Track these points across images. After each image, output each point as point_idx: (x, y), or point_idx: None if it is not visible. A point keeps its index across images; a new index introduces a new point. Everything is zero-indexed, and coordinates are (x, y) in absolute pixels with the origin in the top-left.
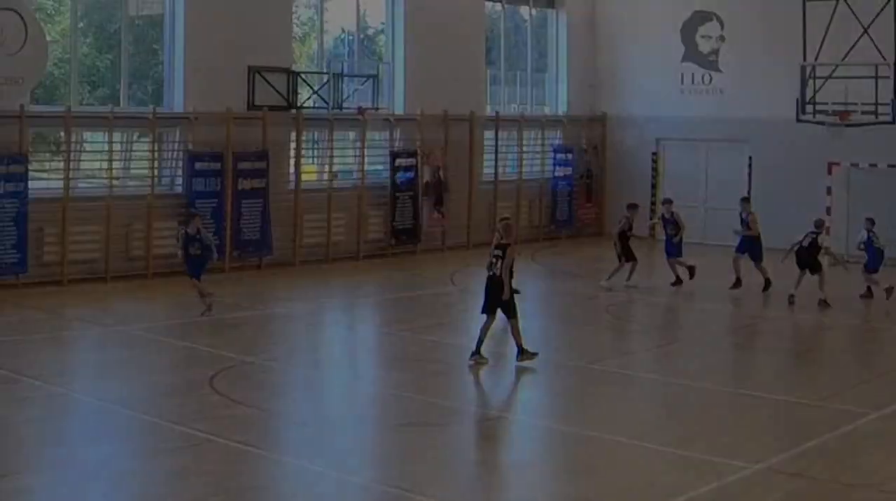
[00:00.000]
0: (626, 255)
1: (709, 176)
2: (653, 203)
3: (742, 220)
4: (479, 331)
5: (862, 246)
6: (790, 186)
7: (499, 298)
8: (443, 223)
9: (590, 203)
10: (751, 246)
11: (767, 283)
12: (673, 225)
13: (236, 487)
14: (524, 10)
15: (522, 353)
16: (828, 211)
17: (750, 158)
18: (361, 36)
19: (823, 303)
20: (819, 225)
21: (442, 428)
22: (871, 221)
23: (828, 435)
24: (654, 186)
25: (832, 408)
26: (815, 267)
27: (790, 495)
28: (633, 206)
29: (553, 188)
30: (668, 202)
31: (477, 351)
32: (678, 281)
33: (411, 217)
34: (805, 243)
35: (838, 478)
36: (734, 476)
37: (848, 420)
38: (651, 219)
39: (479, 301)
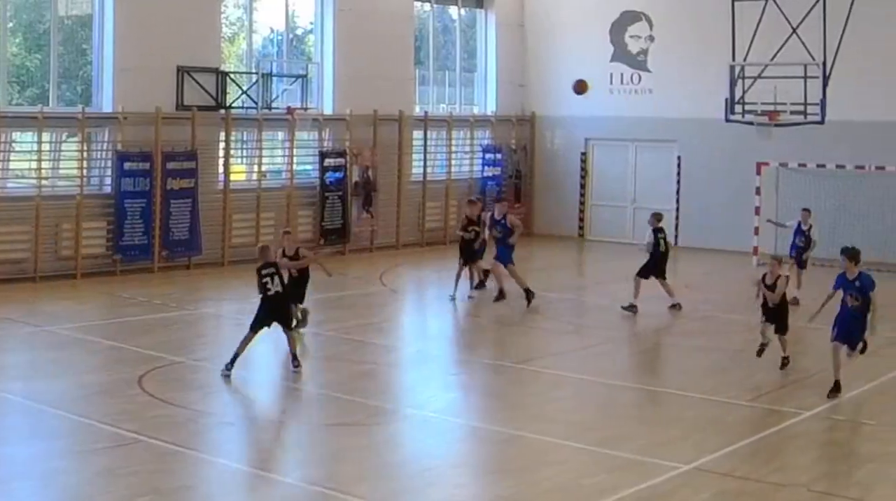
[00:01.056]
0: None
1: (637, 176)
2: (581, 204)
3: None
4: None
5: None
6: (719, 186)
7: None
8: (372, 223)
9: (519, 203)
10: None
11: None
12: (503, 227)
13: (165, 486)
14: (453, 10)
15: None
16: (756, 211)
17: (679, 158)
18: (290, 36)
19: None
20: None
21: (370, 428)
22: (808, 211)
23: (757, 435)
24: (582, 186)
25: (762, 408)
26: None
27: (719, 495)
28: (473, 203)
29: (482, 188)
30: (500, 201)
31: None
32: (481, 285)
33: (340, 217)
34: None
35: (767, 478)
36: (663, 476)
37: (777, 421)
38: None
39: (409, 300)
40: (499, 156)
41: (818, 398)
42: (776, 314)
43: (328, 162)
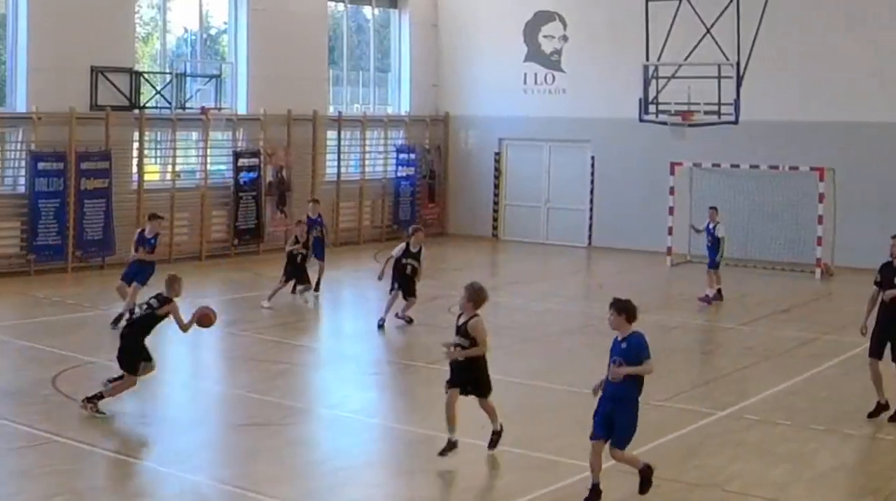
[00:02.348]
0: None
1: (551, 176)
2: (495, 204)
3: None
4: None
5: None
6: (633, 186)
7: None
8: (286, 223)
9: (432, 203)
10: None
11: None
12: (320, 226)
13: (81, 486)
14: (367, 10)
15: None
16: (670, 211)
17: (593, 158)
18: (204, 36)
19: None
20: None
21: (284, 428)
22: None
23: (672, 435)
24: (496, 186)
25: (676, 408)
26: None
27: (634, 495)
28: (314, 200)
29: (396, 188)
30: (314, 201)
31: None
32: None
33: (254, 217)
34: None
35: (681, 478)
36: (577, 477)
37: (692, 420)
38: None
39: (323, 300)
40: (413, 156)
41: (733, 397)
42: None
43: (242, 162)
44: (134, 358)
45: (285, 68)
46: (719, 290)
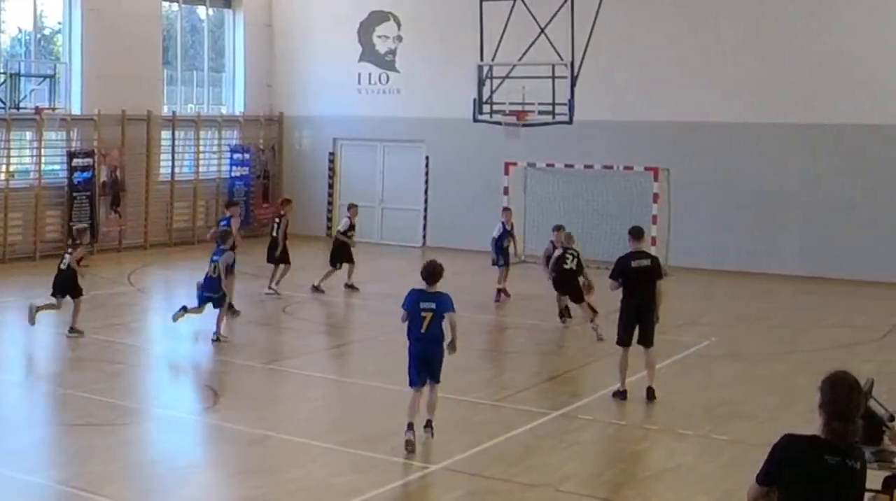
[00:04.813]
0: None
1: (386, 176)
2: (329, 203)
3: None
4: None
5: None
6: (467, 186)
7: None
8: (120, 223)
9: (267, 203)
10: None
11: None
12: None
13: None
14: (201, 11)
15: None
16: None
17: (427, 158)
18: (38, 35)
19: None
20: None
21: (118, 428)
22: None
23: (506, 435)
24: (331, 186)
25: (511, 408)
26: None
27: (468, 495)
28: (286, 201)
29: (230, 188)
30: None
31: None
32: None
33: (88, 216)
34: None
35: (516, 478)
36: (413, 476)
37: (526, 421)
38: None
39: (157, 300)
40: (247, 156)
41: (567, 397)
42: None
43: (76, 162)
44: None
45: (119, 68)
46: (504, 290)
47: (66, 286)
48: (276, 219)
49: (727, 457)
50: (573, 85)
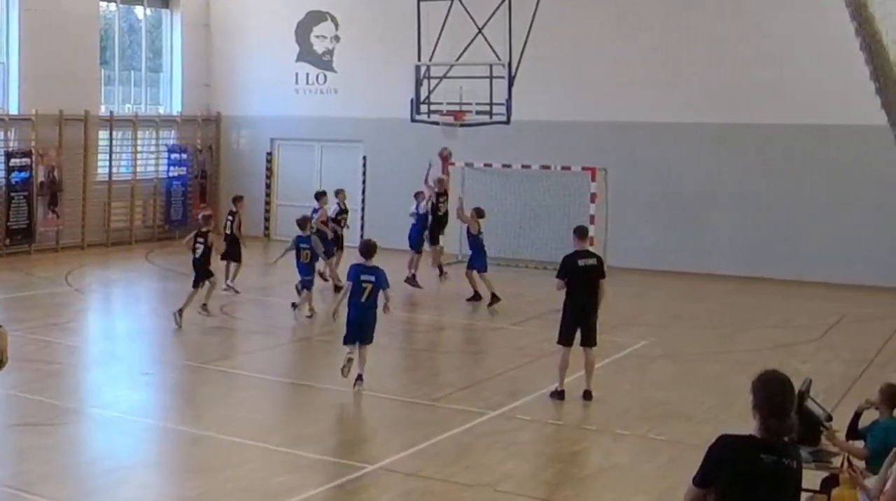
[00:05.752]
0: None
1: (323, 176)
2: (267, 203)
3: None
4: None
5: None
6: (405, 186)
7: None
8: (57, 223)
9: (204, 203)
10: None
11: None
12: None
13: None
14: (139, 10)
15: None
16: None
17: (364, 158)
18: None
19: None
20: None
21: (57, 428)
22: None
23: (443, 435)
24: (268, 186)
25: (447, 408)
26: None
27: (404, 494)
28: (239, 198)
29: (167, 188)
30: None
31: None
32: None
33: (26, 217)
34: None
35: (453, 478)
36: (349, 476)
37: (463, 420)
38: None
39: (95, 300)
40: (184, 156)
41: (504, 397)
42: None
43: (14, 162)
44: None
45: (57, 68)
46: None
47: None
48: (230, 217)
49: (665, 457)
50: (511, 85)
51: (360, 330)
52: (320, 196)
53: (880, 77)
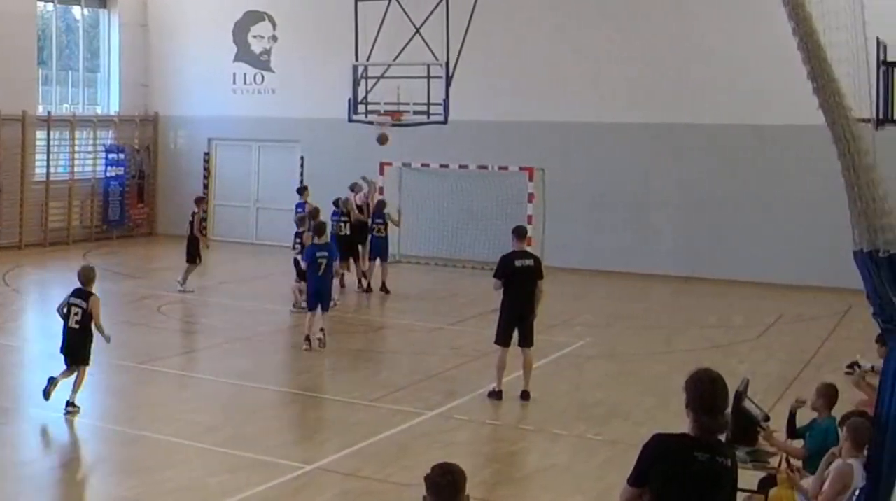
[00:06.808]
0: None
1: (261, 176)
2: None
3: None
4: None
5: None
6: (342, 186)
7: None
8: None
9: (142, 203)
10: None
11: None
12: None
13: None
14: (76, 11)
15: None
16: None
17: (302, 158)
18: None
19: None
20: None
21: None
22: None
23: (381, 435)
24: (206, 186)
25: (386, 408)
26: None
27: (342, 494)
28: (201, 199)
29: (105, 188)
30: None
31: None
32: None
33: None
34: None
35: (391, 478)
36: (287, 476)
37: (401, 420)
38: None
39: (33, 300)
40: (122, 156)
41: (442, 397)
42: None
43: None
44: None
45: None
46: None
47: None
48: (191, 218)
49: (602, 457)
50: (448, 85)
51: (319, 297)
52: (303, 190)
53: (818, 77)
